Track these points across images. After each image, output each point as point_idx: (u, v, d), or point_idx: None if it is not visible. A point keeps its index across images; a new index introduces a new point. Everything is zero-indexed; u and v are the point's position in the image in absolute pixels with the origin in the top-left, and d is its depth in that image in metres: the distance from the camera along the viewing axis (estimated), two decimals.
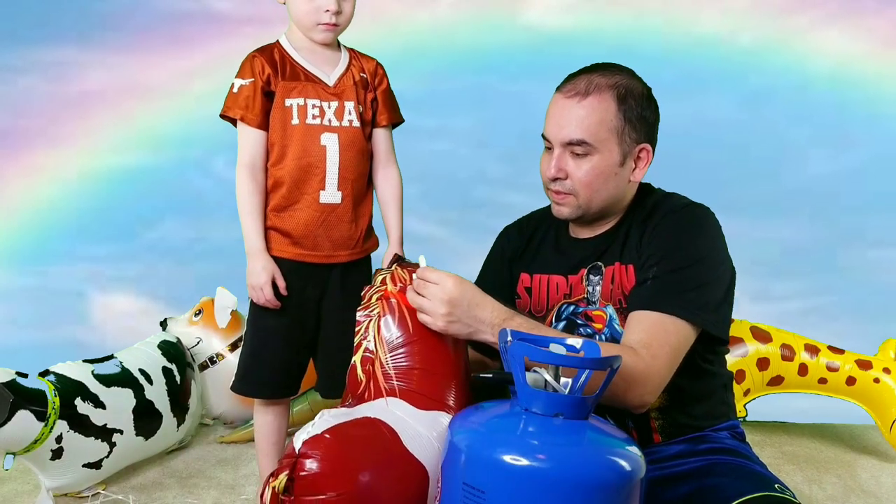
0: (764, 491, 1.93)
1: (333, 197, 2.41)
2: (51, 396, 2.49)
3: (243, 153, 2.42)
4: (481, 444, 1.61)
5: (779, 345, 3.34)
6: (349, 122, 2.44)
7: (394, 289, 2.09)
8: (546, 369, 1.72)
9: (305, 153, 2.39)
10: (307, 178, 2.40)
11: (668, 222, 2.21)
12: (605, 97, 2.19)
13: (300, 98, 2.39)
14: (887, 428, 3.27)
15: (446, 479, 1.66)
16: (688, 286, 2.12)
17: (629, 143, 2.22)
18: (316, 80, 2.42)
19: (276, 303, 2.40)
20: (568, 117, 2.20)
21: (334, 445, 1.79)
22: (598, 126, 2.19)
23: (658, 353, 2.04)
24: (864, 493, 2.99)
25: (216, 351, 3.34)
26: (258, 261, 2.40)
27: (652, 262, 2.16)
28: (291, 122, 2.38)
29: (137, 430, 2.78)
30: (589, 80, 2.21)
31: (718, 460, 2.13)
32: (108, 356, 2.88)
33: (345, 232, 2.44)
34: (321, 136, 2.40)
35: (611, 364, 1.66)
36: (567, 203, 2.27)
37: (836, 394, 3.37)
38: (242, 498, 2.73)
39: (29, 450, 2.47)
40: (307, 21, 2.39)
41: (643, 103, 2.23)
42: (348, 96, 2.44)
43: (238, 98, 2.40)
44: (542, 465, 1.55)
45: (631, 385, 2.00)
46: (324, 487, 1.75)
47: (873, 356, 3.37)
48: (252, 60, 2.41)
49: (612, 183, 2.24)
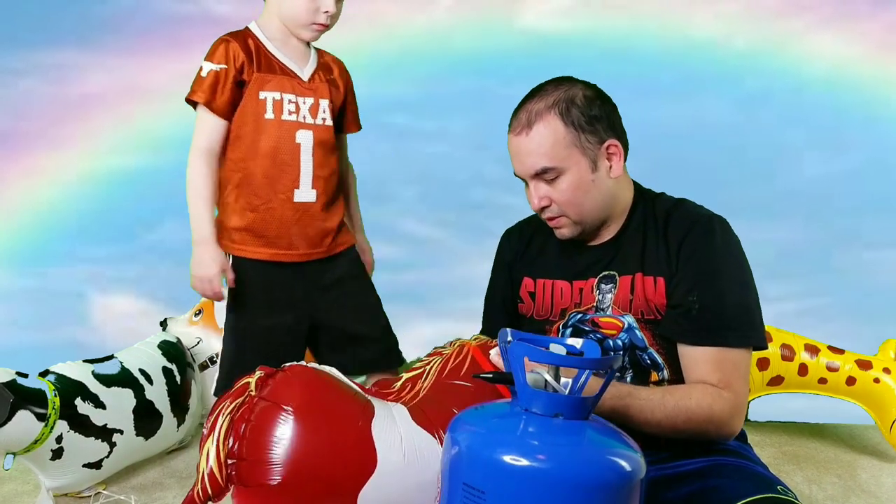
0: (766, 493, 1.92)
1: (308, 196, 2.41)
2: (51, 396, 2.48)
3: (201, 138, 2.37)
4: (481, 444, 1.59)
5: (779, 345, 3.33)
6: (322, 121, 2.44)
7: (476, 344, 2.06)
8: (546, 369, 1.71)
9: (280, 150, 2.37)
10: (280, 176, 2.38)
11: (696, 240, 2.20)
12: (548, 119, 2.19)
13: (276, 92, 2.37)
14: (887, 428, 3.26)
15: (446, 479, 1.64)
16: (737, 311, 2.15)
17: (592, 148, 2.22)
18: (291, 73, 2.41)
19: (221, 296, 2.37)
20: (524, 153, 2.22)
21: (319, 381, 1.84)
22: (553, 148, 2.19)
23: (737, 388, 2.11)
24: (864, 493, 2.98)
25: (216, 351, 3.26)
26: (207, 251, 2.36)
27: (689, 284, 2.17)
28: (265, 116, 2.36)
29: (137, 430, 2.76)
30: (527, 111, 2.21)
31: (720, 461, 2.12)
32: (109, 356, 2.86)
33: (318, 230, 2.43)
34: (297, 132, 2.39)
35: (610, 364, 1.65)
36: (563, 225, 2.27)
37: (836, 394, 3.35)
38: None
39: (29, 450, 2.46)
40: (303, 18, 2.38)
41: (588, 105, 2.22)
42: (322, 94, 2.44)
43: (204, 83, 2.35)
44: (543, 465, 1.53)
45: (719, 425, 2.09)
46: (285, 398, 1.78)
47: (873, 356, 3.36)
48: (226, 45, 2.37)
49: (594, 191, 2.24)
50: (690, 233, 2.21)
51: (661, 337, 2.20)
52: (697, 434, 2.09)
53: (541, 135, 2.19)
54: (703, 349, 2.13)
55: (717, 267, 2.17)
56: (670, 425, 2.04)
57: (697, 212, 2.27)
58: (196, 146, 2.37)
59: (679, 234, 2.22)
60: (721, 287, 2.15)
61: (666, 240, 2.23)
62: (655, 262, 2.23)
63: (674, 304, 2.18)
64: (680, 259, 2.19)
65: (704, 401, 2.07)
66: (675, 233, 2.22)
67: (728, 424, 2.09)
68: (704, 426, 2.07)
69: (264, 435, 1.77)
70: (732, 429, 2.11)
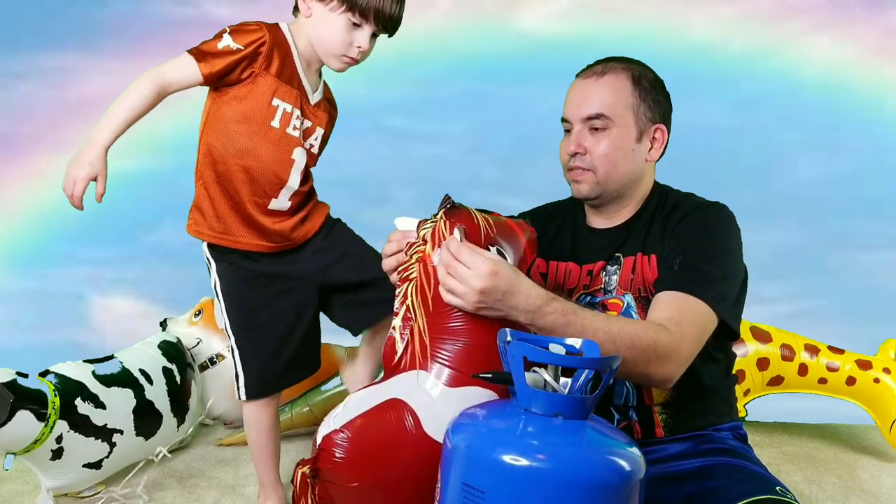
0: (765, 494, 1.92)
1: (282, 204, 2.40)
2: (51, 396, 2.47)
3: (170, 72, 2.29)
4: (481, 444, 1.59)
5: (779, 345, 3.32)
6: (310, 147, 2.43)
7: (432, 252, 1.94)
8: (546, 369, 1.70)
9: (276, 161, 2.35)
10: (268, 186, 2.36)
11: (694, 217, 2.25)
12: (621, 76, 2.28)
13: (288, 105, 2.34)
14: (887, 428, 3.25)
15: (446, 479, 1.64)
16: (714, 276, 2.15)
17: (645, 122, 2.29)
18: (304, 92, 2.38)
19: (80, 204, 2.27)
20: (586, 95, 2.29)
21: (349, 442, 1.81)
22: (615, 101, 2.26)
23: (686, 332, 2.04)
24: (864, 493, 2.97)
25: (216, 351, 3.31)
26: (92, 152, 2.24)
27: (677, 251, 2.19)
28: (271, 123, 2.32)
29: (137, 430, 2.76)
30: (605, 64, 2.31)
31: (720, 462, 2.13)
32: (109, 356, 2.85)
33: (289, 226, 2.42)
34: (295, 149, 2.37)
35: (610, 364, 1.64)
36: (586, 179, 2.30)
37: (836, 394, 3.34)
38: (243, 498, 2.71)
39: (29, 450, 2.45)
40: (335, 49, 2.33)
41: (657, 88, 2.32)
42: (321, 122, 2.44)
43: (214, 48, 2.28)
44: (542, 465, 1.52)
45: (661, 359, 1.99)
46: (344, 479, 1.81)
47: (873, 356, 3.35)
48: (259, 34, 2.30)
49: (629, 159, 2.29)
50: (690, 214, 2.26)
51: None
52: (638, 370, 1.98)
53: (609, 85, 2.27)
54: (666, 292, 2.13)
55: (709, 237, 2.20)
56: (613, 350, 1.91)
57: (702, 200, 2.32)
58: (160, 71, 2.28)
59: (680, 216, 2.26)
60: (704, 254, 2.17)
61: (667, 222, 2.27)
62: (653, 241, 2.27)
63: (663, 268, 2.21)
64: (679, 234, 2.23)
65: (651, 329, 2.00)
66: (676, 216, 2.27)
67: (669, 359, 2.00)
68: (647, 357, 1.97)
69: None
70: (671, 369, 2.02)
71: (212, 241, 2.42)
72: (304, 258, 2.47)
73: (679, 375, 2.05)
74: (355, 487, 1.80)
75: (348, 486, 1.81)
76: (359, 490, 1.81)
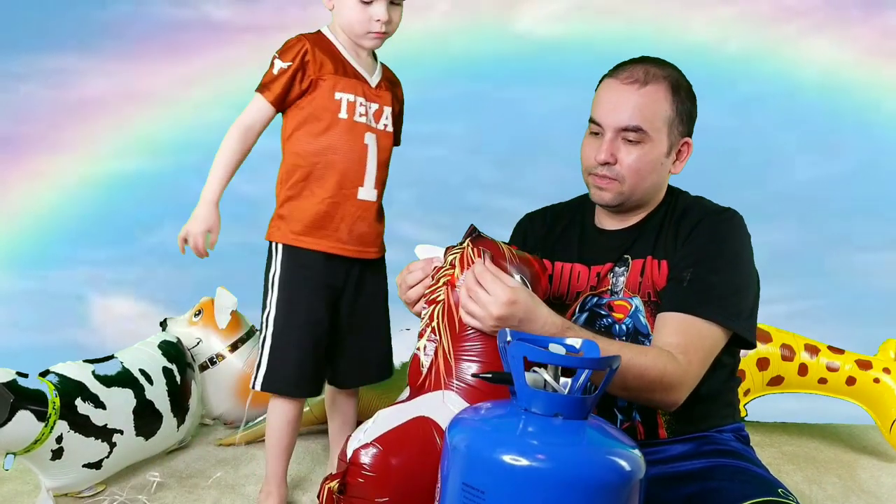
0: (767, 496, 1.92)
1: (370, 195, 2.44)
2: (51, 396, 2.46)
3: (247, 115, 2.43)
4: (481, 444, 1.58)
5: (779, 345, 3.30)
6: (384, 126, 2.48)
7: (461, 275, 2.00)
8: (545, 369, 1.70)
9: (351, 149, 2.41)
10: (350, 174, 2.42)
11: (705, 225, 2.22)
12: (662, 87, 2.21)
13: (349, 94, 2.41)
14: (887, 428, 3.23)
15: (446, 479, 1.63)
16: (725, 291, 2.14)
17: (676, 136, 2.25)
18: (362, 78, 2.45)
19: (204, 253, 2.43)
20: (626, 103, 2.21)
21: (379, 456, 1.82)
22: (654, 115, 2.20)
23: (693, 359, 2.06)
24: (864, 493, 2.95)
25: (216, 351, 3.30)
26: (206, 209, 2.41)
27: (688, 262, 2.18)
28: (339, 115, 2.40)
29: (137, 431, 2.74)
30: (646, 69, 2.22)
31: (721, 463, 2.12)
32: (109, 356, 2.84)
33: (373, 229, 2.48)
34: (365, 134, 2.42)
35: (610, 364, 1.63)
36: (611, 188, 2.26)
37: (836, 394, 3.33)
38: (243, 497, 2.69)
39: (29, 450, 2.44)
40: (358, 29, 2.41)
41: (690, 98, 2.27)
42: (387, 101, 2.49)
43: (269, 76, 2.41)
44: (542, 465, 1.51)
45: (667, 388, 2.03)
46: (373, 494, 1.80)
47: (873, 356, 3.34)
48: (299, 45, 2.41)
49: (657, 172, 2.26)
50: (702, 221, 2.23)
51: None
52: (644, 396, 2.06)
53: (650, 96, 2.20)
54: (675, 314, 2.12)
55: (720, 249, 2.18)
56: (620, 380, 1.95)
57: (713, 205, 2.29)
58: (239, 120, 2.43)
59: (692, 222, 2.24)
60: (715, 265, 2.15)
61: (678, 228, 2.25)
62: (665, 246, 2.24)
63: (669, 279, 2.19)
64: (690, 242, 2.21)
65: (660, 360, 2.03)
66: (688, 222, 2.24)
67: (674, 389, 2.05)
68: (653, 387, 2.02)
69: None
70: (677, 397, 2.07)
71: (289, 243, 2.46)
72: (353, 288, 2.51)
73: (683, 400, 2.09)
74: (384, 503, 1.80)
75: (377, 502, 1.80)
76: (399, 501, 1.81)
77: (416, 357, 2.02)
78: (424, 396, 1.96)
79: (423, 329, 2.02)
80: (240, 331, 3.34)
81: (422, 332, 2.03)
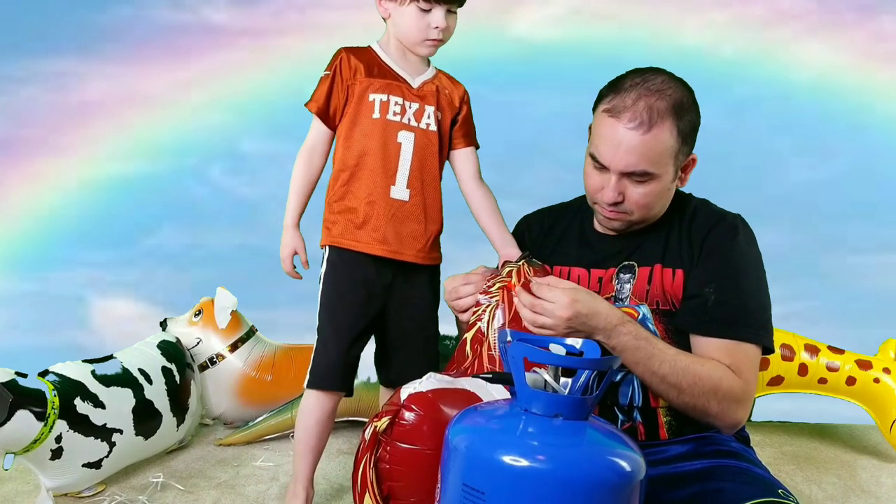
0: (767, 496, 1.91)
1: (401, 194, 2.43)
2: (50, 396, 2.45)
3: (308, 138, 2.51)
4: (481, 444, 1.57)
5: (779, 345, 3.28)
6: (426, 126, 2.46)
7: (517, 282, 2.17)
8: (546, 370, 1.68)
9: (382, 147, 2.42)
10: (380, 172, 2.42)
11: (721, 237, 2.20)
12: (668, 125, 2.13)
13: (383, 94, 2.43)
14: (887, 428, 3.23)
15: (445, 480, 1.62)
16: (754, 309, 2.17)
17: (682, 160, 2.21)
18: (401, 80, 2.46)
19: (295, 275, 2.50)
20: (631, 149, 2.14)
21: (433, 405, 1.90)
22: (661, 156, 2.14)
23: (748, 378, 2.12)
24: (864, 493, 2.95)
25: (216, 351, 3.29)
26: (287, 234, 2.50)
27: (708, 277, 2.16)
28: (372, 116, 2.42)
29: (137, 430, 2.73)
30: (649, 108, 2.12)
31: (722, 464, 2.10)
32: (108, 356, 2.83)
33: (412, 231, 2.45)
34: (399, 133, 2.43)
35: (610, 364, 1.62)
36: (620, 219, 2.25)
37: (836, 394, 3.32)
38: (243, 498, 2.68)
39: (29, 450, 2.43)
40: (415, 37, 2.42)
41: (693, 111, 2.19)
42: (430, 101, 2.47)
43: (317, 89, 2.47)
44: (542, 465, 1.50)
45: (726, 400, 2.09)
46: (417, 440, 1.87)
47: (873, 356, 3.33)
48: (338, 54, 2.47)
49: (665, 197, 2.24)
50: (714, 229, 2.21)
51: (672, 331, 2.19)
52: (701, 404, 2.08)
53: (657, 140, 2.13)
54: (717, 340, 2.13)
55: (739, 265, 2.17)
56: (675, 383, 2.06)
57: (721, 210, 2.27)
58: (303, 144, 2.51)
59: (703, 229, 2.22)
60: (742, 285, 2.15)
61: (689, 235, 2.23)
62: (677, 255, 2.22)
63: (689, 296, 2.17)
64: (702, 253, 2.19)
65: (716, 371, 2.08)
66: (699, 229, 2.23)
67: (739, 404, 2.10)
68: (708, 396, 2.07)
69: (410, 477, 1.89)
70: (737, 415, 2.11)
71: (333, 244, 2.48)
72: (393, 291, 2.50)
73: (746, 416, 2.16)
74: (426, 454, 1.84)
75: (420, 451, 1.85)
76: (429, 458, 1.82)
77: (464, 344, 2.18)
78: (469, 378, 2.03)
79: (474, 322, 2.18)
80: (240, 331, 3.33)
81: (471, 325, 2.19)
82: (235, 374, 3.28)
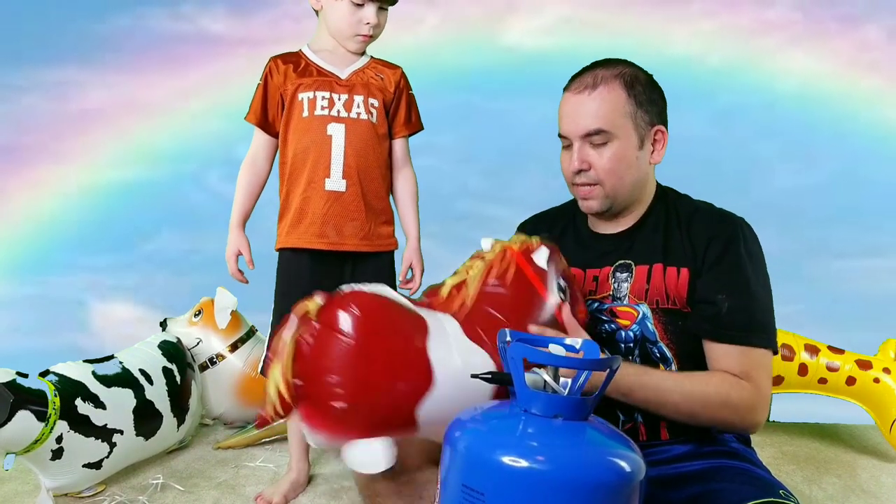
0: (768, 497, 1.88)
1: (338, 185, 2.45)
2: (51, 396, 2.43)
3: (250, 148, 2.55)
4: (480, 445, 1.54)
5: (779, 345, 3.25)
6: (357, 115, 2.48)
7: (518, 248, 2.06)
8: (545, 370, 1.65)
9: (313, 142, 2.44)
10: (313, 166, 2.45)
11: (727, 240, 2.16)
12: (613, 85, 2.15)
13: (310, 91, 2.46)
14: (887, 428, 3.21)
15: (445, 480, 1.59)
16: (765, 316, 2.16)
17: (644, 127, 2.18)
18: (328, 74, 2.49)
19: (239, 275, 2.55)
20: (582, 111, 2.16)
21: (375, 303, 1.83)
22: (612, 113, 2.14)
23: (760, 383, 2.09)
24: (864, 493, 2.92)
25: (216, 351, 3.28)
26: (231, 235, 2.54)
27: (719, 284, 2.14)
28: (302, 115, 2.45)
29: (137, 431, 2.72)
30: (594, 74, 2.17)
31: (723, 464, 2.09)
32: (109, 356, 2.82)
33: (353, 221, 2.47)
34: (328, 125, 2.45)
35: (609, 364, 1.59)
36: (594, 195, 2.22)
37: (836, 394, 3.31)
38: (242, 498, 2.66)
39: (29, 450, 2.41)
40: (347, 31, 2.47)
41: (650, 87, 2.20)
42: (358, 90, 2.50)
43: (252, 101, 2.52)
44: (542, 466, 1.47)
45: (737, 411, 2.06)
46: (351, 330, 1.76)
47: (873, 356, 3.32)
48: (268, 63, 2.51)
49: (634, 168, 2.20)
50: (718, 230, 2.17)
51: (672, 331, 2.17)
52: (717, 420, 2.07)
53: (602, 97, 2.15)
54: (729, 346, 2.11)
55: (748, 271, 2.14)
56: (687, 409, 2.03)
57: (722, 212, 2.24)
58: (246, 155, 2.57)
59: (705, 230, 2.18)
60: (751, 291, 2.12)
61: (690, 234, 2.20)
62: (680, 253, 2.19)
63: (700, 301, 2.15)
64: (708, 256, 2.16)
65: (722, 387, 2.05)
66: (700, 229, 2.19)
67: (750, 414, 2.07)
68: (722, 412, 2.05)
69: (326, 359, 1.75)
70: (755, 419, 2.09)
71: (280, 247, 2.53)
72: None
73: (764, 418, 2.13)
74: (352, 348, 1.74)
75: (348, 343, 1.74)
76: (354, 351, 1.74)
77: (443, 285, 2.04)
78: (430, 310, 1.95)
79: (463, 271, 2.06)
80: (239, 331, 3.32)
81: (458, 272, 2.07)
82: (235, 374, 3.26)
